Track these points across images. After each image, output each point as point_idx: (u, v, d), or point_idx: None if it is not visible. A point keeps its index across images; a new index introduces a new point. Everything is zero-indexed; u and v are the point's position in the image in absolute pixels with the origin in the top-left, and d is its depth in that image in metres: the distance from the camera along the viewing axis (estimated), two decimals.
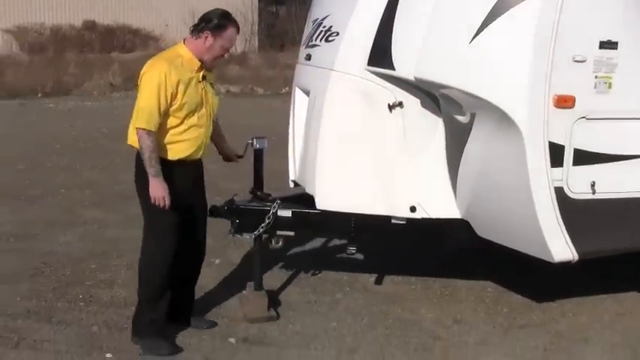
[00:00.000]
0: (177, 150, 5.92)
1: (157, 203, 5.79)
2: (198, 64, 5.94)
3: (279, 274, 7.79)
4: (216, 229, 7.83)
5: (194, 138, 5.97)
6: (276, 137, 7.97)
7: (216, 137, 6.49)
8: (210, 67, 6.07)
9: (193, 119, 5.93)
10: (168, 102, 5.74)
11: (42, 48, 29.49)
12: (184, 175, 6.01)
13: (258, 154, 6.78)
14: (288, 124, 7.68)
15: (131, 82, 22.83)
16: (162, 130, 5.82)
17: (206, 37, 5.89)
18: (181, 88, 5.78)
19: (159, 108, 5.71)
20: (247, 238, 6.74)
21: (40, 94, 22.93)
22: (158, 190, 5.77)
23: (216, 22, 5.90)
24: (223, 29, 5.91)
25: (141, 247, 6.15)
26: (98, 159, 13.80)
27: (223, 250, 8.36)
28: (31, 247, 8.59)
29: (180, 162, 5.96)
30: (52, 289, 7.30)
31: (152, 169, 5.75)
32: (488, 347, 6.29)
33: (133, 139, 5.88)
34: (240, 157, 6.76)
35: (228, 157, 6.73)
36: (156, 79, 5.73)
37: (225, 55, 6.08)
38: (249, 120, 16.86)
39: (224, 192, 7.26)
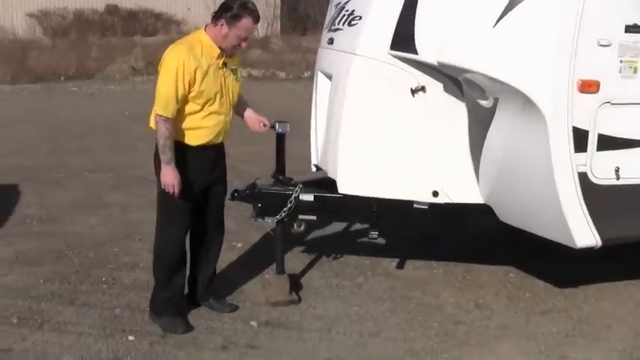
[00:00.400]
0: (197, 136, 5.94)
1: (166, 190, 5.83)
2: (218, 51, 5.93)
3: (301, 257, 7.80)
4: (238, 213, 7.88)
5: (214, 125, 5.99)
6: (298, 121, 7.94)
7: (240, 107, 6.50)
8: (230, 55, 6.06)
9: (214, 106, 5.94)
10: (185, 89, 5.76)
11: (65, 32, 29.55)
12: (205, 158, 6.05)
13: (281, 138, 6.77)
14: (310, 108, 7.67)
15: (153, 66, 22.85)
16: (182, 115, 5.85)
17: (222, 26, 5.87)
18: (199, 75, 5.79)
19: (176, 95, 5.73)
20: (269, 222, 6.73)
21: (63, 78, 23.02)
22: (169, 178, 5.81)
23: (232, 12, 5.86)
24: (238, 19, 5.86)
25: (155, 228, 6.23)
26: (121, 142, 13.85)
27: (245, 233, 8.37)
28: (55, 230, 8.65)
29: (201, 146, 5.99)
30: (75, 271, 7.35)
31: (165, 155, 5.78)
32: (509, 332, 6.28)
33: (154, 122, 5.91)
34: (272, 127, 6.72)
35: (254, 123, 6.62)
36: (174, 67, 5.74)
37: (243, 45, 6.02)
38: (271, 104, 16.80)
39: (245, 175, 7.29)
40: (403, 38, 6.34)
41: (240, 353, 5.82)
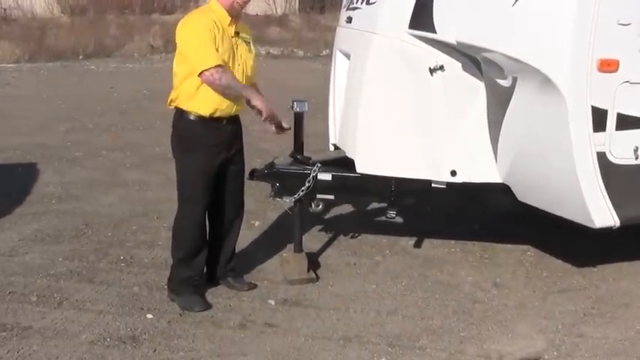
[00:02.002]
0: (210, 104, 5.91)
1: (266, 112, 5.98)
2: (229, 18, 5.94)
3: (319, 236, 7.82)
4: (257, 192, 7.89)
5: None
6: (316, 99, 7.94)
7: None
8: (238, 16, 6.03)
9: None
10: (214, 42, 5.78)
11: (83, 10, 29.58)
12: (221, 133, 6.03)
13: (299, 117, 6.76)
14: (329, 86, 7.67)
15: (172, 44, 22.84)
16: (195, 84, 5.84)
17: None
18: (218, 35, 5.81)
19: (213, 45, 5.76)
20: (287, 202, 6.75)
21: (81, 57, 23.08)
22: (259, 100, 5.97)
23: None
24: None
25: (177, 209, 6.25)
26: (139, 121, 13.89)
27: (263, 212, 8.40)
28: (73, 209, 8.68)
29: (217, 119, 5.98)
30: (94, 249, 7.38)
31: (245, 90, 5.92)
32: (527, 311, 6.28)
33: (178, 100, 5.95)
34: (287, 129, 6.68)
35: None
36: (198, 25, 5.80)
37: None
38: (289, 82, 16.86)
39: (264, 153, 7.30)
40: (422, 17, 6.33)
41: (258, 331, 5.83)
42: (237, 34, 6.02)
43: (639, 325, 6.05)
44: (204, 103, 5.90)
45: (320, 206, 6.87)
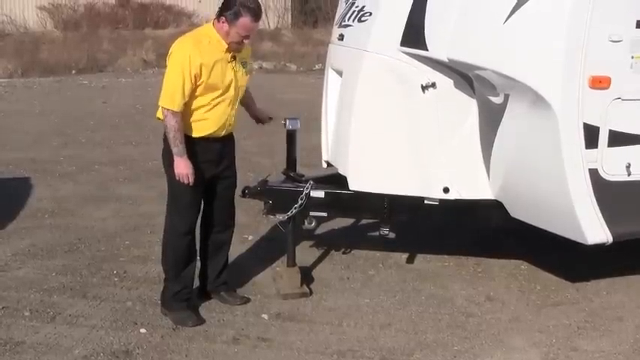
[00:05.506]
0: (201, 128, 6.00)
1: (181, 180, 5.89)
2: (226, 45, 5.95)
3: (312, 250, 7.82)
4: (249, 206, 7.89)
5: (218, 116, 6.02)
6: (310, 113, 7.93)
7: (247, 101, 6.56)
8: (235, 50, 6.07)
9: (220, 99, 5.99)
10: (192, 83, 5.81)
11: (76, 25, 29.59)
12: (210, 150, 6.08)
13: (291, 135, 6.78)
14: (321, 102, 7.69)
15: (164, 59, 22.91)
16: (189, 108, 5.91)
17: (223, 23, 5.90)
18: (205, 70, 5.83)
19: (182, 89, 5.79)
20: (280, 219, 6.76)
21: (74, 71, 23.06)
22: (182, 168, 5.88)
23: (232, 10, 5.86)
24: (237, 18, 5.85)
25: (164, 222, 6.28)
26: (132, 135, 13.88)
27: (256, 226, 8.40)
28: (66, 223, 8.68)
29: (206, 139, 6.03)
30: (87, 264, 7.38)
31: (176, 148, 5.85)
32: (521, 325, 6.29)
33: (161, 114, 5.98)
34: (271, 118, 6.81)
35: (258, 119, 6.79)
36: (179, 61, 5.82)
37: (245, 41, 6.04)
38: (282, 96, 16.88)
39: (257, 168, 7.29)
40: (413, 34, 6.35)
41: (252, 346, 5.84)
42: (234, 58, 6.03)
43: (632, 338, 6.07)
44: (193, 127, 5.97)
45: (313, 223, 6.90)
